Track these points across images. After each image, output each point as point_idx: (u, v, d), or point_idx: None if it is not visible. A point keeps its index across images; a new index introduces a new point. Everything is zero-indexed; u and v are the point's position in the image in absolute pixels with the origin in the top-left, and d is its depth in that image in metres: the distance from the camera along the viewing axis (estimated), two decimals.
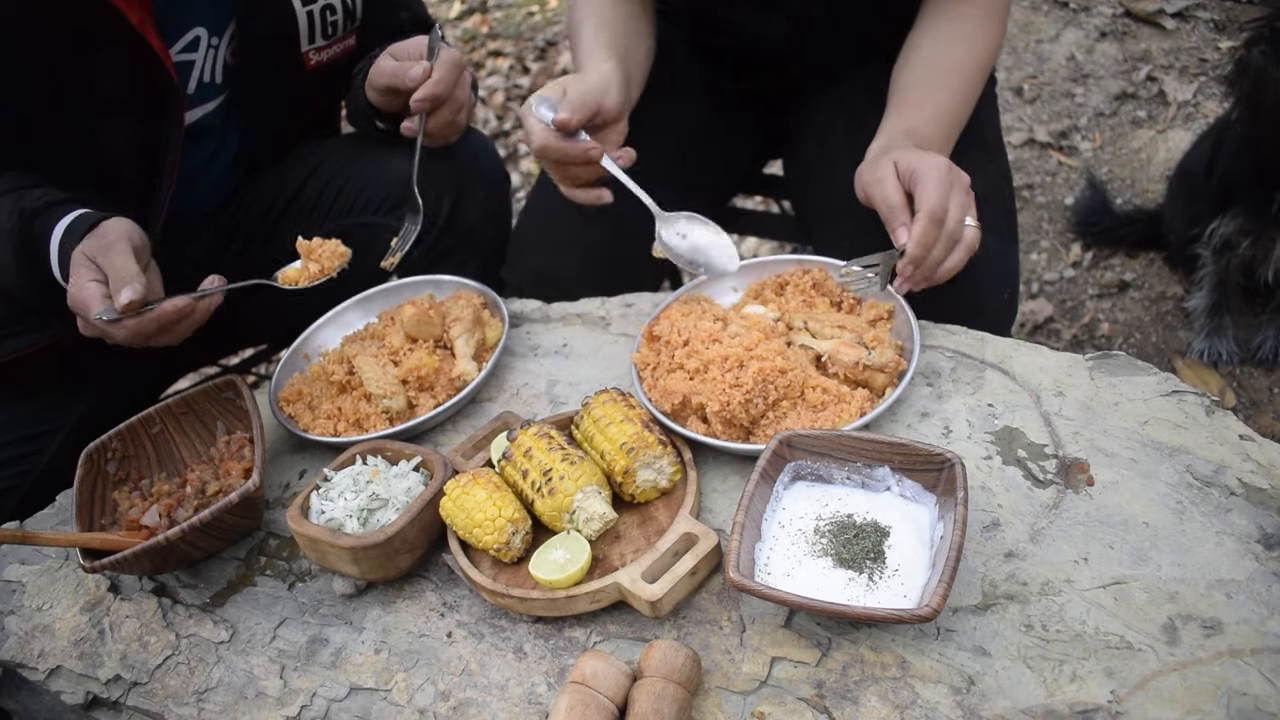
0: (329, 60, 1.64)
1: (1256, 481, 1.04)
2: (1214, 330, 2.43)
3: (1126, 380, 1.19)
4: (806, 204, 1.78)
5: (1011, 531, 1.05)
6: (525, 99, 4.23)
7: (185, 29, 1.48)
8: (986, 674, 0.93)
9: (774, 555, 1.04)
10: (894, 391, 1.18)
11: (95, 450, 1.33)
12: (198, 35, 1.49)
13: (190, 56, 1.50)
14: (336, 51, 1.65)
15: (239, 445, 1.35)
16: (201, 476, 1.32)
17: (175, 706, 1.13)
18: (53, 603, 1.28)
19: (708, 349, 1.23)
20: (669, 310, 1.36)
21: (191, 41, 1.49)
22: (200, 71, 1.53)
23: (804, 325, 1.28)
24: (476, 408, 1.43)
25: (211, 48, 1.52)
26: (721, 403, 1.17)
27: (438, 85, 1.50)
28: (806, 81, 1.75)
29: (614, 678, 0.96)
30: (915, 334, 1.23)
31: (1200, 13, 3.37)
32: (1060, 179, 3.11)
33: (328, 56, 1.63)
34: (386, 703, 1.07)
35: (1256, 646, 0.90)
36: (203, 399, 1.40)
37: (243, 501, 1.19)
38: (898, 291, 1.27)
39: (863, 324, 1.27)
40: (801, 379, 1.20)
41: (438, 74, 1.50)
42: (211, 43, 1.52)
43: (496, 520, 1.10)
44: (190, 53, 1.50)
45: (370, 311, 1.60)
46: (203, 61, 1.52)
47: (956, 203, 1.23)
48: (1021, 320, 2.71)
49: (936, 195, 1.21)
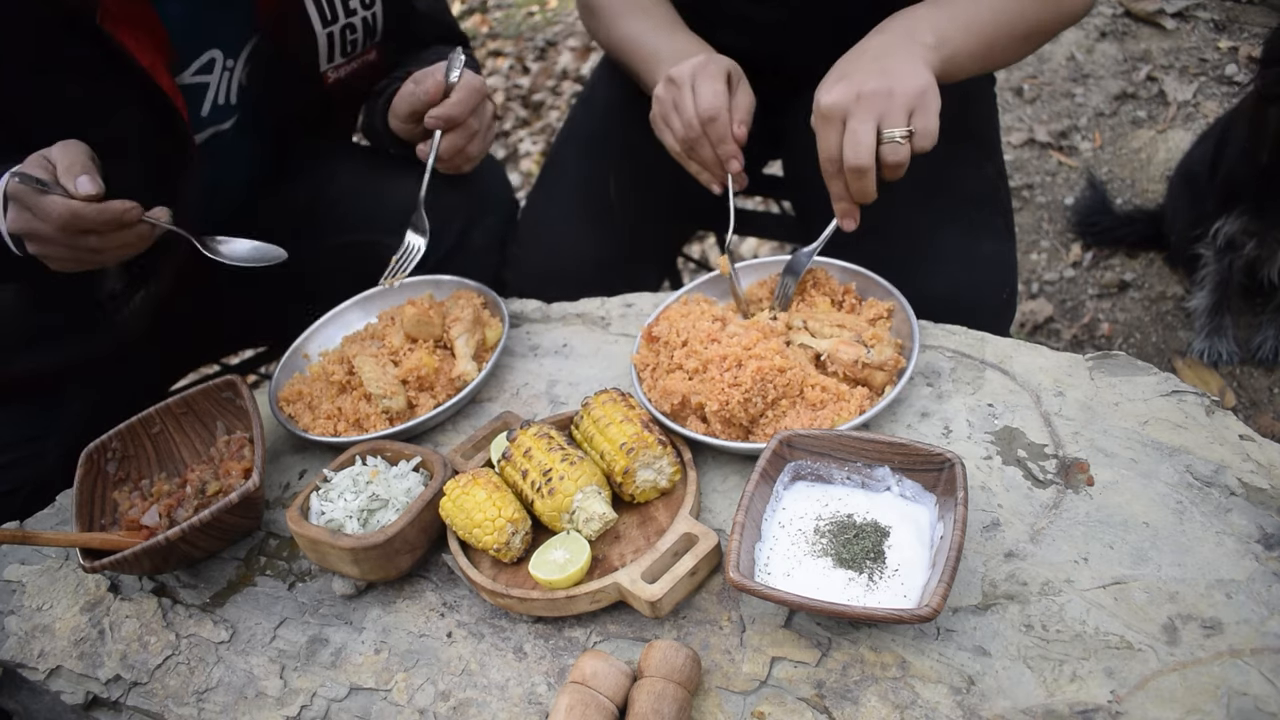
0: (347, 76, 1.61)
1: (1256, 481, 1.04)
2: (1214, 330, 2.43)
3: (1126, 380, 1.19)
4: (806, 204, 1.78)
5: (1011, 531, 1.05)
6: (525, 99, 4.24)
7: (200, 51, 1.45)
8: (986, 674, 0.93)
9: (774, 555, 1.04)
10: (893, 389, 1.18)
11: (95, 450, 1.33)
12: (213, 57, 1.47)
13: (205, 79, 1.48)
14: (356, 67, 1.62)
15: (239, 445, 1.35)
16: (201, 476, 1.32)
17: (175, 706, 1.13)
18: (53, 603, 1.28)
19: (706, 349, 1.23)
20: (668, 311, 1.36)
21: (206, 64, 1.47)
22: (215, 93, 1.50)
23: (803, 325, 1.28)
24: (476, 408, 1.43)
25: (226, 70, 1.50)
26: (720, 402, 1.17)
27: (454, 107, 1.48)
28: (806, 81, 1.75)
29: (614, 678, 0.96)
30: (915, 333, 1.24)
31: (1200, 13, 3.37)
32: (1060, 179, 3.11)
33: (346, 73, 1.61)
34: (386, 703, 1.07)
35: (1256, 646, 0.90)
36: (203, 399, 1.39)
37: (243, 501, 1.19)
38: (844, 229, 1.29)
39: (862, 323, 1.27)
40: (800, 378, 1.20)
41: (456, 95, 1.48)
42: (227, 65, 1.49)
43: (496, 520, 1.10)
44: (205, 75, 1.48)
45: (370, 311, 1.60)
46: (217, 83, 1.50)
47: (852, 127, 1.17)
48: (1021, 320, 2.71)
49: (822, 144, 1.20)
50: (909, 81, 1.17)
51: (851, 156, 1.17)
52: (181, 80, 1.44)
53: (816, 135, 1.23)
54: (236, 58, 1.51)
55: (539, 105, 4.20)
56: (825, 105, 1.19)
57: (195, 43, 1.44)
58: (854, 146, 1.17)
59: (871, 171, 1.19)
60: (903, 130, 1.16)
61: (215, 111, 1.53)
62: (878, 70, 1.18)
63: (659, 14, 1.60)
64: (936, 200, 1.47)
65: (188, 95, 1.46)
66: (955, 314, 1.35)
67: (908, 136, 1.17)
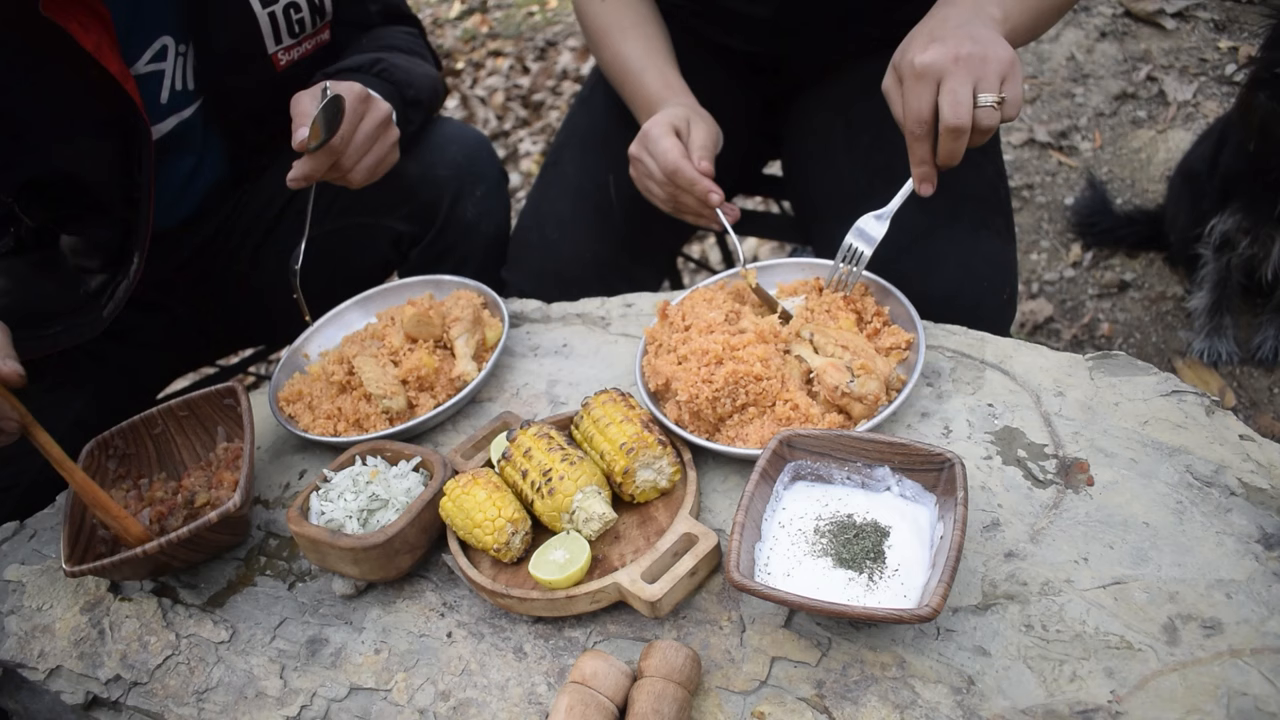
0: (301, 58, 1.59)
1: (1256, 481, 1.04)
2: (1214, 330, 2.43)
3: (1126, 380, 1.19)
4: (806, 204, 1.78)
5: (1011, 531, 1.05)
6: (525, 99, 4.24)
7: (151, 39, 1.45)
8: (986, 674, 0.93)
9: (774, 555, 1.04)
10: (888, 406, 1.17)
11: (97, 446, 1.33)
12: (165, 44, 1.47)
13: (159, 66, 1.48)
14: (309, 49, 1.60)
15: (235, 455, 1.36)
16: (194, 484, 1.32)
17: (175, 706, 1.13)
18: (53, 603, 1.28)
19: (697, 339, 1.23)
20: (695, 294, 1.38)
21: (159, 51, 1.46)
22: (172, 80, 1.50)
23: (810, 337, 1.26)
24: (476, 408, 1.43)
25: (180, 55, 1.50)
26: (690, 394, 1.18)
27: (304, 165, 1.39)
28: (805, 81, 1.76)
29: (614, 678, 0.96)
30: (920, 336, 1.23)
31: (1200, 13, 3.37)
32: (1060, 179, 3.11)
33: (299, 54, 1.58)
34: (386, 703, 1.07)
35: (1256, 646, 0.90)
36: (205, 403, 1.40)
37: (222, 521, 1.18)
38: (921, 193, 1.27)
39: (869, 348, 1.22)
40: (775, 390, 1.19)
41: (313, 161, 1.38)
42: (179, 50, 1.49)
43: (496, 520, 1.10)
44: (159, 62, 1.47)
45: (370, 311, 1.60)
46: (173, 70, 1.49)
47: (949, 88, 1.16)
48: (1021, 320, 2.71)
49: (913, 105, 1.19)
50: (1001, 50, 1.17)
51: (952, 117, 1.16)
52: (137, 70, 1.44)
53: (903, 96, 1.20)
54: (188, 43, 1.51)
55: (539, 105, 4.20)
56: (921, 64, 1.18)
57: (144, 31, 1.44)
58: (954, 106, 1.15)
59: (968, 132, 1.18)
60: (996, 96, 1.16)
61: (174, 98, 1.52)
62: (968, 36, 1.18)
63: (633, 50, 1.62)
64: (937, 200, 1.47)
65: (145, 84, 1.45)
66: (956, 314, 1.35)
67: (1000, 103, 1.16)
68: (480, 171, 1.80)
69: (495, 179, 1.84)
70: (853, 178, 1.57)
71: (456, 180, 1.74)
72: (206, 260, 1.73)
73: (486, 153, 1.85)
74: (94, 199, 1.48)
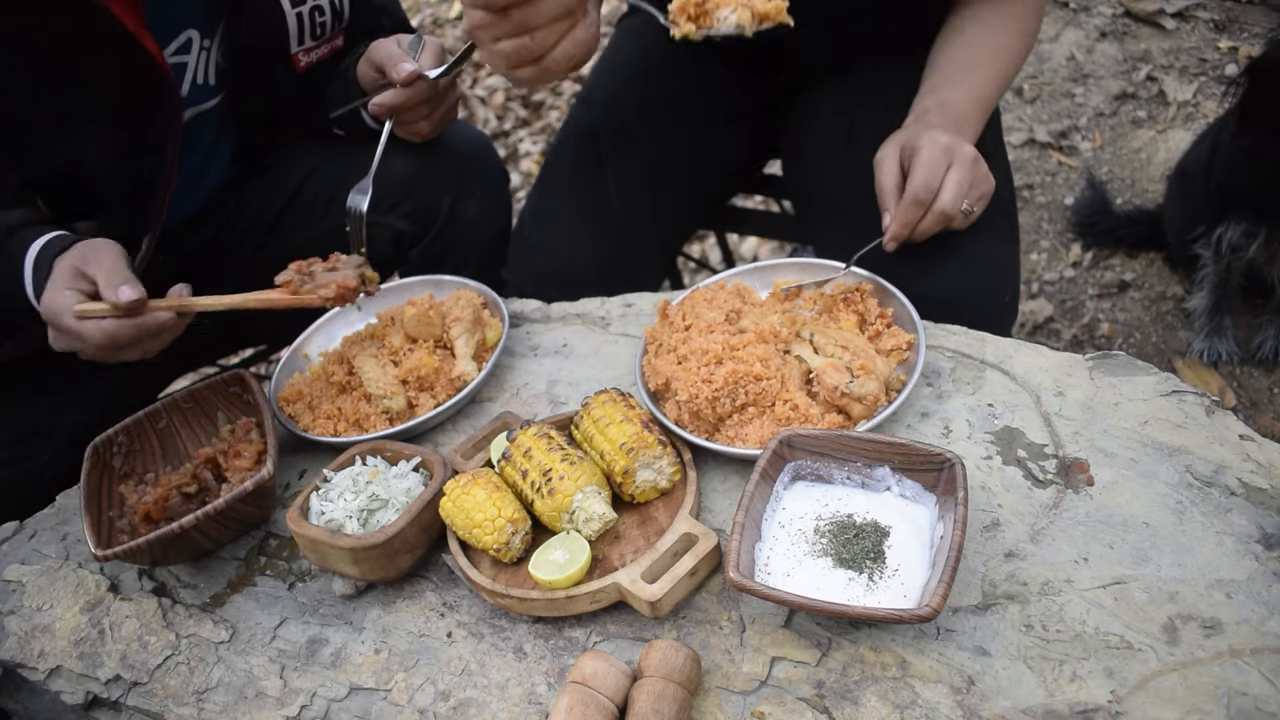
0: (318, 61, 1.63)
1: (1256, 481, 1.04)
2: (1214, 330, 2.43)
3: (1126, 380, 1.19)
4: (806, 204, 1.78)
5: (1011, 531, 1.05)
6: (525, 99, 4.24)
7: (178, 31, 1.47)
8: (986, 674, 0.93)
9: (774, 555, 1.04)
10: (888, 406, 1.17)
11: (101, 444, 1.33)
12: (190, 37, 1.48)
13: (183, 59, 1.49)
14: (325, 52, 1.64)
15: (245, 430, 1.36)
16: (205, 467, 1.33)
17: (175, 706, 1.13)
18: (53, 603, 1.28)
19: (698, 339, 1.23)
20: (696, 293, 1.38)
21: (184, 44, 1.48)
22: (194, 73, 1.52)
23: (810, 337, 1.26)
24: (476, 408, 1.43)
25: (204, 50, 1.51)
26: (690, 394, 1.18)
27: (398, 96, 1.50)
28: (806, 82, 1.75)
29: (614, 678, 0.96)
30: (921, 336, 1.23)
31: (1200, 13, 3.37)
32: (1060, 179, 3.11)
33: (317, 57, 1.62)
34: (386, 703, 1.07)
35: (1256, 646, 0.90)
36: (209, 393, 1.40)
37: (256, 489, 1.20)
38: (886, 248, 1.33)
39: (869, 349, 1.22)
40: (775, 390, 1.19)
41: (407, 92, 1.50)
42: (204, 45, 1.51)
43: (496, 520, 1.10)
44: (183, 55, 1.49)
45: (370, 311, 1.60)
46: (196, 63, 1.51)
47: (954, 180, 1.26)
48: (1021, 320, 2.71)
49: (923, 175, 1.26)
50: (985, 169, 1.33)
51: (949, 203, 1.27)
52: None
53: (920, 166, 1.28)
54: (213, 38, 1.52)
55: (539, 105, 4.20)
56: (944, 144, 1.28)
57: (172, 21, 1.45)
58: (954, 195, 1.27)
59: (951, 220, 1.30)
60: (970, 204, 1.30)
61: (195, 91, 1.53)
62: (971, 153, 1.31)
63: None
64: None
65: None
66: (957, 315, 1.35)
67: (970, 211, 1.30)
68: (481, 171, 1.80)
69: (496, 179, 1.84)
70: (853, 178, 1.57)
71: (457, 179, 1.74)
72: (207, 259, 1.73)
73: (488, 152, 1.85)
74: (95, 197, 1.48)
